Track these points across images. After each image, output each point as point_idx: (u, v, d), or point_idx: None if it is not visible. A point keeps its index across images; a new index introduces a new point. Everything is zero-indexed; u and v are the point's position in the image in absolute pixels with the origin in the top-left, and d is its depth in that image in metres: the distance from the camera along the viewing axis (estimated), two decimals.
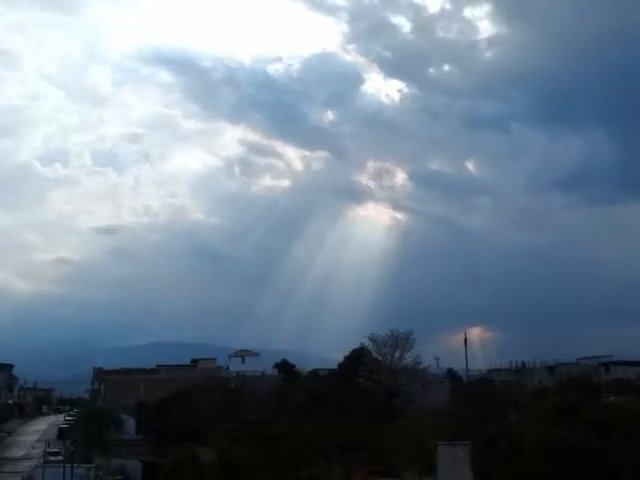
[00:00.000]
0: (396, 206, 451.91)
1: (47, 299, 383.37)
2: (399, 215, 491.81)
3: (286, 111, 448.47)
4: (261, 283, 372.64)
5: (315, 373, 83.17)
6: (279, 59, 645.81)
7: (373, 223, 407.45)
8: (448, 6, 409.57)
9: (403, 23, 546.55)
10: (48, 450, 53.81)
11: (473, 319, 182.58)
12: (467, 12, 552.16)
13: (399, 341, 66.04)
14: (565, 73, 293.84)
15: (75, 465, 37.99)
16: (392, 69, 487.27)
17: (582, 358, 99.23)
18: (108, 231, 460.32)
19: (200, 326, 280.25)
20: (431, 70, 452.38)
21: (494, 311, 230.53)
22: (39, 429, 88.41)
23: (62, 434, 68.85)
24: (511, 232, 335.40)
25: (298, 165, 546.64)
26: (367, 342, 68.43)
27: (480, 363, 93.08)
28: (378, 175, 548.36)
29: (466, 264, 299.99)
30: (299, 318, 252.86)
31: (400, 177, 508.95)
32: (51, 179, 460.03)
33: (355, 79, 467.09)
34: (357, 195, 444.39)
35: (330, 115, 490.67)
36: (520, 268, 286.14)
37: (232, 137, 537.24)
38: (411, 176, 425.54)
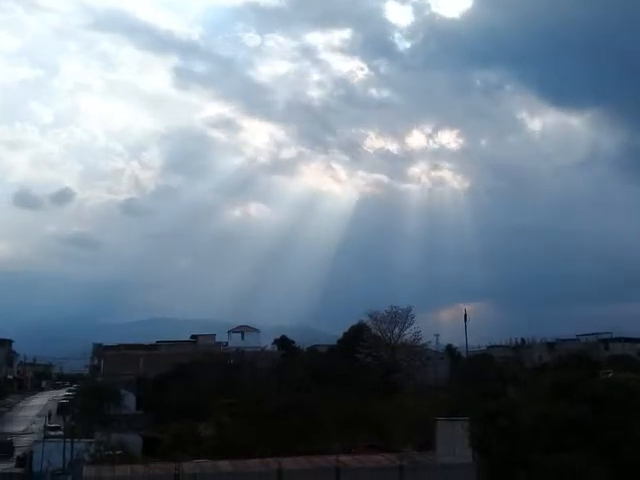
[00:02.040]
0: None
1: (45, 274, 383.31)
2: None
3: None
4: (261, 260, 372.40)
5: (314, 349, 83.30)
6: None
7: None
8: None
9: None
10: (48, 425, 54.03)
11: (473, 295, 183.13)
12: None
13: (398, 317, 66.03)
14: None
15: (75, 440, 38.02)
16: None
17: (582, 335, 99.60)
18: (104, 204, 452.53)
19: (200, 302, 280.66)
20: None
21: (495, 288, 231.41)
22: (39, 404, 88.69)
23: (62, 409, 69.11)
24: (511, 209, 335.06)
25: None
26: (366, 318, 68.49)
27: (479, 339, 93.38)
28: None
29: (469, 240, 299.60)
30: (299, 294, 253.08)
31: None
32: None
33: None
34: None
35: None
36: (521, 245, 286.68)
37: None
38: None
